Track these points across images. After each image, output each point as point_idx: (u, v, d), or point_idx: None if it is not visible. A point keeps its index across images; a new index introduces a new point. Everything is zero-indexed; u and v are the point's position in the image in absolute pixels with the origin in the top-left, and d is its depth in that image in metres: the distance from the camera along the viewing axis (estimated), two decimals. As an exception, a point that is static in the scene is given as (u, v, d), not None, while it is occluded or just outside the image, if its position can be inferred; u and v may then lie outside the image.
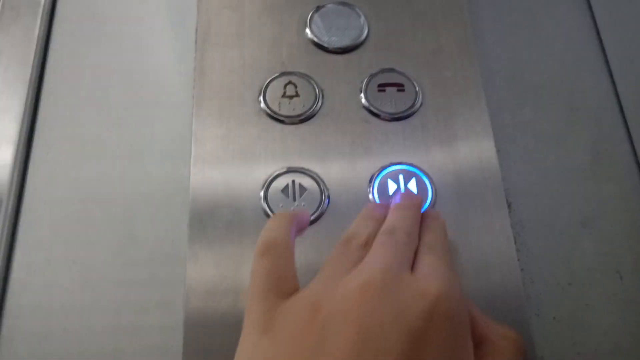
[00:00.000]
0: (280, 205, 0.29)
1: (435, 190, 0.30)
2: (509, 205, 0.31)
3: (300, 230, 0.26)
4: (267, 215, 0.29)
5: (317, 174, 0.30)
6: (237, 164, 0.31)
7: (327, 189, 0.30)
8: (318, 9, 0.35)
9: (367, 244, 0.24)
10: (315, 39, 0.34)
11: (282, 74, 0.33)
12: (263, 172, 0.31)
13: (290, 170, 0.30)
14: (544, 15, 0.38)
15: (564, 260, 0.31)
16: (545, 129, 0.34)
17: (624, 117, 0.35)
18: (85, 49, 0.37)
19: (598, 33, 0.38)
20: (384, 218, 0.26)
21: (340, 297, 0.20)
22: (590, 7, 0.38)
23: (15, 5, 0.38)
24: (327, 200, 0.30)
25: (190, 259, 0.29)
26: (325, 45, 0.34)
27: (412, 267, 0.23)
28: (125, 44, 0.37)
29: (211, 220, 0.29)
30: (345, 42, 0.34)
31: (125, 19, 0.38)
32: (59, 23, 0.38)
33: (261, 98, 0.32)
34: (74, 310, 0.30)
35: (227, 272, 0.28)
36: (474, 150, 0.31)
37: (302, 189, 0.30)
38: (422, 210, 0.28)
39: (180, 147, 0.33)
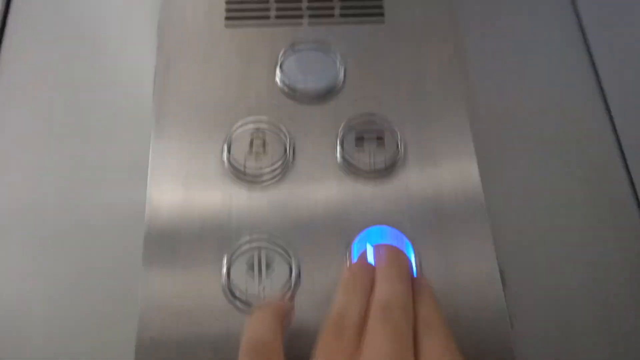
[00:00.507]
0: (245, 286, 0.26)
1: (420, 262, 0.27)
2: (501, 274, 0.28)
3: (287, 325, 0.23)
4: (231, 303, 0.26)
5: (285, 244, 0.27)
6: (195, 228, 0.27)
7: (298, 264, 0.27)
8: (290, 47, 0.32)
9: (361, 326, 0.21)
10: (287, 83, 0.31)
11: (249, 122, 0.30)
12: (226, 244, 0.27)
13: (256, 239, 0.27)
14: (537, 51, 0.35)
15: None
16: (538, 181, 0.31)
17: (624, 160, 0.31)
18: (39, 57, 0.33)
19: (595, 68, 0.34)
20: (371, 284, 0.23)
21: None
22: (586, 42, 0.35)
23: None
24: (296, 277, 0.26)
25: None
26: (298, 90, 0.30)
27: (415, 353, 0.20)
28: (84, 54, 0.33)
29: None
30: (319, 88, 0.31)
31: (84, 29, 0.34)
32: (12, 28, 0.34)
33: (225, 153, 0.29)
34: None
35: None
36: (462, 211, 0.28)
37: (269, 264, 0.26)
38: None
39: (138, 174, 0.29)
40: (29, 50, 0.34)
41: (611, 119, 0.32)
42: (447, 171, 0.29)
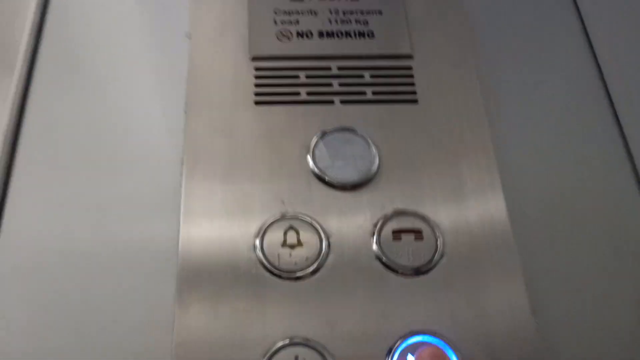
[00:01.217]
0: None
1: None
2: None
3: None
4: None
5: (323, 347, 0.26)
6: (228, 331, 0.26)
7: None
8: (322, 135, 0.31)
9: None
10: (319, 172, 0.30)
11: (283, 217, 0.28)
12: (260, 342, 0.26)
13: (292, 344, 0.26)
14: (576, 139, 0.34)
15: None
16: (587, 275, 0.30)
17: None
18: (66, 101, 0.33)
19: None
20: None
21: None
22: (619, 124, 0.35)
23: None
24: None
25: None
26: (331, 179, 0.30)
27: None
28: (110, 98, 0.33)
29: None
30: (354, 176, 0.30)
31: (111, 70, 0.34)
32: (39, 75, 0.34)
33: (258, 249, 0.28)
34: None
35: None
36: (506, 311, 0.27)
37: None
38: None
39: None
40: (57, 92, 0.33)
41: None
42: (491, 270, 0.28)
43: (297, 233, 0.28)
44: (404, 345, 0.26)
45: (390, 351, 0.26)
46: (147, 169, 0.31)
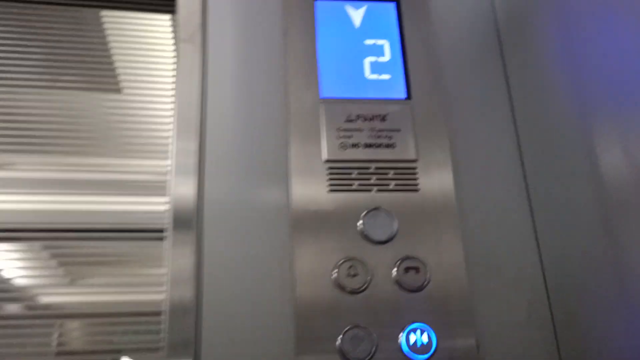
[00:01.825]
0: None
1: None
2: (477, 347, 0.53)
3: None
4: None
5: (369, 330, 0.52)
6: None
7: (375, 339, 0.51)
8: (366, 213, 0.56)
9: None
10: (366, 233, 0.55)
11: (347, 259, 0.54)
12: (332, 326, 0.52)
13: (352, 327, 0.52)
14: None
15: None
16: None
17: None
18: None
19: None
20: None
21: None
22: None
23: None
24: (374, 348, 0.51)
25: None
26: (371, 237, 0.55)
27: None
28: None
29: None
30: (383, 236, 0.55)
31: None
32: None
33: (335, 275, 0.53)
34: None
35: None
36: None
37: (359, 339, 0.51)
38: None
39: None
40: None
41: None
42: (454, 298, 0.54)
43: (355, 268, 0.54)
44: (409, 328, 0.52)
45: (402, 329, 0.52)
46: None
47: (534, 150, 0.62)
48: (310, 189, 0.56)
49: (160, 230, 0.62)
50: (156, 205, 0.67)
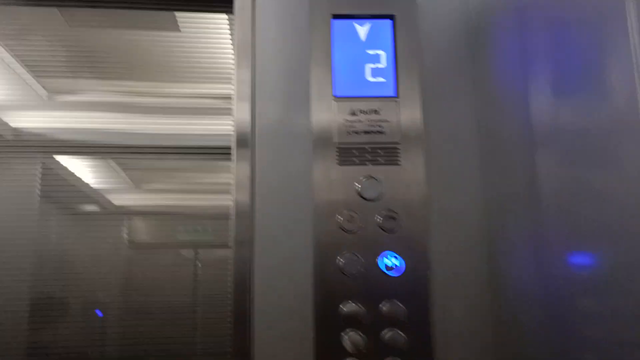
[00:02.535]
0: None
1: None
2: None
3: None
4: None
5: (358, 255, 0.82)
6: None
7: (363, 261, 0.81)
8: (363, 179, 0.84)
9: None
10: (361, 192, 0.84)
11: (348, 209, 0.83)
12: (335, 252, 0.81)
13: (348, 253, 0.81)
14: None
15: None
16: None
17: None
18: None
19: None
20: None
21: None
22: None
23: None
24: (362, 267, 0.81)
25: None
26: (365, 196, 0.83)
27: None
28: None
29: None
30: (373, 195, 0.84)
31: None
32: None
33: (339, 219, 0.82)
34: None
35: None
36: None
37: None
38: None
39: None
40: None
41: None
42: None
43: (352, 216, 0.83)
44: (385, 255, 0.82)
45: (381, 256, 0.81)
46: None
47: (488, 135, 0.88)
48: (326, 164, 0.85)
49: (227, 148, 0.89)
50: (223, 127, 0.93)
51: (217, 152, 0.92)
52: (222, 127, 0.91)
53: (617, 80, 0.53)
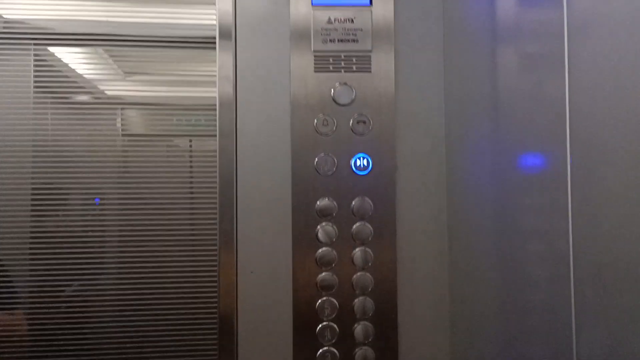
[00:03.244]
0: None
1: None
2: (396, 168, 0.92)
3: None
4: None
5: (332, 156, 0.89)
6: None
7: (336, 161, 0.89)
8: (337, 85, 0.90)
9: None
10: (334, 98, 0.90)
11: (323, 114, 0.89)
12: (312, 153, 0.89)
13: (323, 154, 0.89)
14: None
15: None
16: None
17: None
18: None
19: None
20: None
21: None
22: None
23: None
24: (335, 167, 0.90)
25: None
26: (338, 101, 0.90)
27: None
28: None
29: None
30: (346, 101, 0.90)
31: None
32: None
33: (315, 123, 0.89)
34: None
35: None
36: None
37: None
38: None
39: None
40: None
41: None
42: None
43: (327, 120, 0.89)
44: (356, 156, 0.89)
45: (352, 156, 0.89)
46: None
47: (452, 48, 0.94)
48: (302, 70, 0.90)
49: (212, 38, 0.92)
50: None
51: (202, 42, 0.95)
52: (207, 17, 0.93)
53: None
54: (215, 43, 0.90)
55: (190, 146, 0.93)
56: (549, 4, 0.60)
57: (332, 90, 0.90)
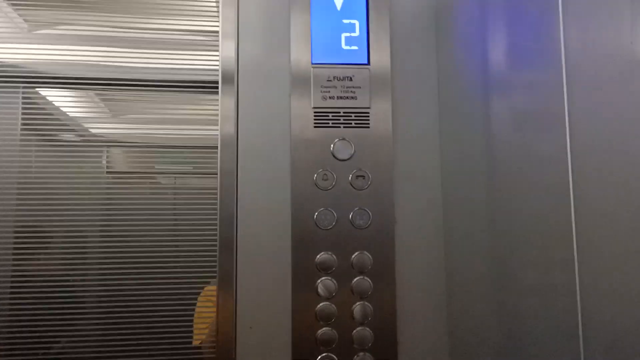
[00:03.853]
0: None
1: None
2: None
3: None
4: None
5: (332, 211, 0.90)
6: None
7: (336, 216, 0.90)
8: (336, 141, 0.92)
9: None
10: (334, 153, 0.91)
11: (323, 169, 0.91)
12: (311, 208, 0.90)
13: (323, 209, 0.90)
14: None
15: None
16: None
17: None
18: None
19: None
20: None
21: None
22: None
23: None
24: (335, 221, 0.90)
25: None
26: (338, 157, 0.91)
27: None
28: None
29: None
30: (345, 156, 0.92)
31: None
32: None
33: (315, 177, 0.91)
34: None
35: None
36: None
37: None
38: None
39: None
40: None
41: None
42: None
43: (327, 174, 0.91)
44: (355, 210, 0.90)
45: (352, 211, 0.90)
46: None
47: (447, 104, 0.97)
48: (303, 125, 0.92)
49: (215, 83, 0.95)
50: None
51: (197, 86, 0.97)
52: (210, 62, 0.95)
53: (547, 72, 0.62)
54: (217, 87, 0.92)
55: (175, 182, 0.95)
56: (544, 61, 0.63)
57: (332, 145, 0.91)
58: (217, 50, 0.94)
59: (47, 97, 0.94)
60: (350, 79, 0.94)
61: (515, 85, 0.73)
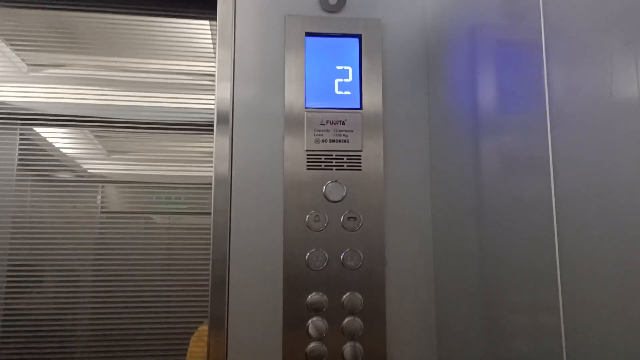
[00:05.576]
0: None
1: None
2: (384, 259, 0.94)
3: None
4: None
5: (323, 252, 0.92)
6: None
7: (327, 257, 0.92)
8: (328, 183, 0.94)
9: None
10: (326, 195, 0.93)
11: (315, 210, 0.93)
12: (303, 249, 0.91)
13: (314, 250, 0.91)
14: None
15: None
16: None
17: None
18: None
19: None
20: None
21: None
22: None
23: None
24: (326, 262, 0.92)
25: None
26: (330, 198, 0.93)
27: None
28: None
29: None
30: (337, 198, 0.94)
31: None
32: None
33: (307, 219, 0.92)
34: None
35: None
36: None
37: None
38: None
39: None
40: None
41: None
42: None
43: (319, 216, 0.92)
44: (347, 251, 0.92)
45: (343, 252, 0.92)
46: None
47: (438, 147, 0.99)
48: (296, 167, 0.94)
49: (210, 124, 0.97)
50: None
51: (193, 126, 0.99)
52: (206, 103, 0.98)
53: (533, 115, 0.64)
54: (212, 127, 0.95)
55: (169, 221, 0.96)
56: (529, 105, 0.66)
57: (324, 187, 0.93)
58: (213, 92, 0.97)
59: (43, 135, 0.96)
60: (343, 123, 0.96)
61: (503, 129, 0.75)
